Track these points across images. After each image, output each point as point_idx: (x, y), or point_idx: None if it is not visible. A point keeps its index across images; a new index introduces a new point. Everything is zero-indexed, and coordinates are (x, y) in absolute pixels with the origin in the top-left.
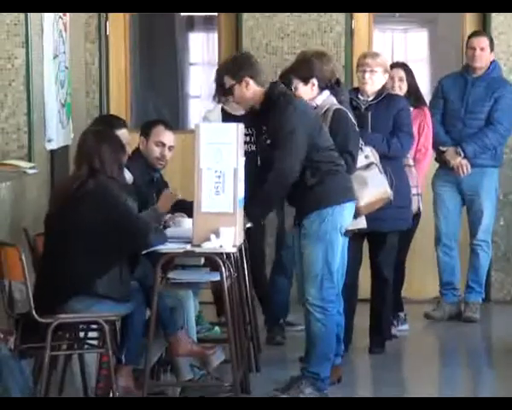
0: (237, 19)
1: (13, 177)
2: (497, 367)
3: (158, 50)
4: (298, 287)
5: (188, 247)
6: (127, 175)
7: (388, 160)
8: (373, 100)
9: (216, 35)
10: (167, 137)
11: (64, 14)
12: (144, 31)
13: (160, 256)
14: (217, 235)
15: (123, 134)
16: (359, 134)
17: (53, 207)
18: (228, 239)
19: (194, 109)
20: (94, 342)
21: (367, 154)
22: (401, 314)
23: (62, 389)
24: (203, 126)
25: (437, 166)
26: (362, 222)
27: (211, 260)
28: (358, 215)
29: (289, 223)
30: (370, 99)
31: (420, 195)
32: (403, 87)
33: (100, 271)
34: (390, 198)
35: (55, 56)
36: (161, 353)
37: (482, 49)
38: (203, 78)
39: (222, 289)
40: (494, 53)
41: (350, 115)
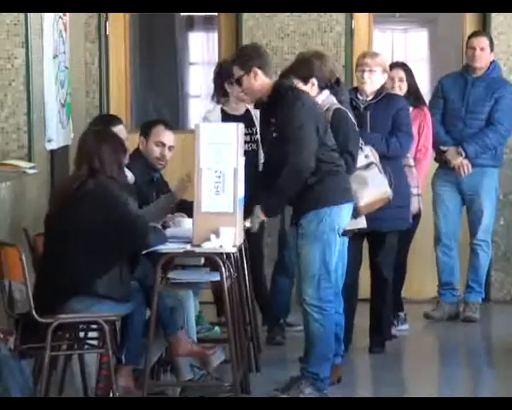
0: (237, 19)
1: (13, 177)
2: (497, 367)
3: (158, 50)
4: (296, 287)
5: (188, 247)
6: (129, 175)
7: (387, 160)
8: (372, 100)
9: (216, 35)
10: (167, 137)
11: (64, 14)
12: (144, 31)
13: (160, 256)
14: (217, 235)
15: (120, 130)
16: (359, 134)
17: (53, 207)
18: (228, 239)
19: (194, 109)
20: (94, 342)
21: (367, 153)
22: (401, 314)
23: (62, 390)
24: (203, 126)
25: (436, 166)
26: (362, 222)
27: (211, 260)
28: (358, 215)
29: (289, 223)
30: (369, 99)
31: (420, 195)
32: (403, 87)
33: (100, 271)
34: (390, 198)
35: (55, 56)
36: (161, 353)
37: (482, 49)
38: (203, 77)
39: (222, 289)
40: (494, 53)
41: (350, 115)
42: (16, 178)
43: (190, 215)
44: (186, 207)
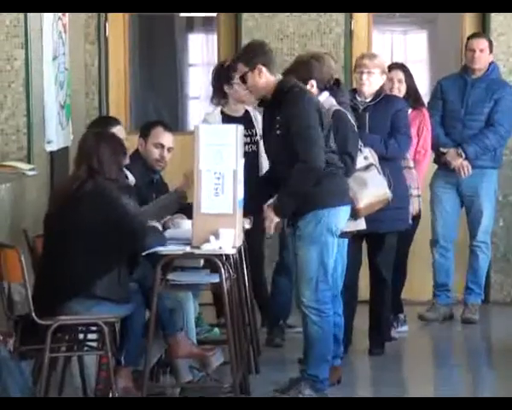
0: (236, 20)
1: (12, 178)
2: (497, 368)
3: (157, 51)
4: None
5: (187, 248)
6: (130, 177)
7: (386, 161)
8: (371, 101)
9: (215, 36)
10: (166, 138)
11: (63, 15)
12: (144, 32)
13: (160, 258)
14: (216, 236)
15: (118, 130)
16: (358, 135)
17: (52, 207)
18: (227, 240)
19: (193, 111)
20: (93, 343)
21: (366, 155)
22: (401, 316)
23: (62, 391)
24: (203, 128)
25: (435, 167)
26: (361, 223)
27: (210, 261)
28: (358, 217)
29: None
30: (368, 100)
31: (420, 196)
32: (401, 88)
33: (99, 271)
34: (389, 200)
35: (55, 58)
36: (161, 354)
37: (481, 50)
38: (202, 79)
39: (221, 290)
40: (494, 54)
41: (349, 116)
42: (16, 179)
43: (190, 217)
44: (185, 208)
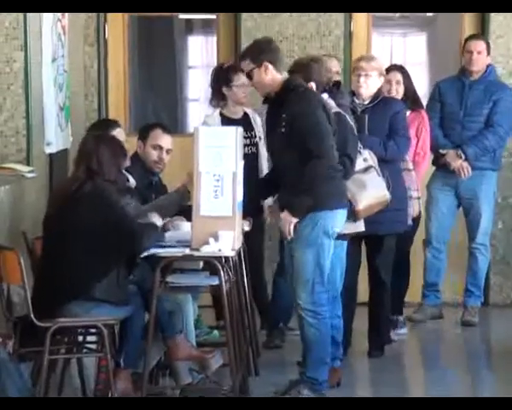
0: (236, 22)
1: (11, 180)
2: (497, 371)
3: (157, 53)
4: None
5: (186, 250)
6: (130, 180)
7: (386, 163)
8: (369, 103)
9: (215, 38)
10: (165, 140)
11: (63, 16)
12: (143, 34)
13: (159, 260)
14: (216, 238)
15: (118, 133)
16: (357, 137)
17: (51, 208)
18: (227, 243)
19: (192, 113)
20: (92, 345)
21: (365, 157)
22: (400, 318)
23: (61, 393)
24: (202, 130)
25: (433, 168)
26: (360, 225)
27: (210, 263)
28: (357, 218)
29: None
30: (366, 102)
31: (420, 198)
32: (400, 90)
33: (98, 273)
34: (388, 201)
35: (54, 60)
36: (160, 357)
37: (479, 52)
38: (202, 81)
39: (221, 292)
40: (493, 56)
41: (348, 119)
42: (15, 181)
43: (189, 219)
44: (185, 210)
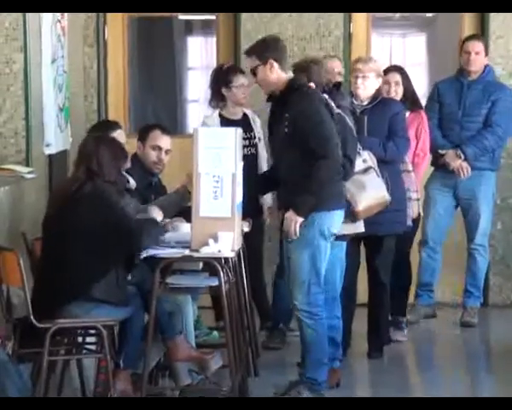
0: (235, 23)
1: (11, 181)
2: (496, 371)
3: (156, 54)
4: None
5: (186, 251)
6: (131, 181)
7: (385, 164)
8: (368, 104)
9: (214, 39)
10: (164, 141)
11: (62, 17)
12: (143, 35)
13: (159, 261)
14: (215, 239)
15: (119, 134)
16: (357, 139)
17: (51, 208)
18: (226, 244)
19: (192, 114)
20: (92, 346)
21: (365, 158)
22: (403, 319)
23: (60, 394)
24: (201, 131)
25: (431, 169)
26: (360, 226)
27: (209, 264)
28: (357, 219)
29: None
30: (365, 103)
31: (419, 199)
32: (398, 91)
33: (98, 273)
34: (388, 202)
35: (54, 61)
36: (160, 357)
37: (477, 53)
38: (201, 82)
39: (220, 293)
40: (492, 57)
41: (348, 120)
42: (14, 182)
43: (189, 220)
44: (184, 211)
